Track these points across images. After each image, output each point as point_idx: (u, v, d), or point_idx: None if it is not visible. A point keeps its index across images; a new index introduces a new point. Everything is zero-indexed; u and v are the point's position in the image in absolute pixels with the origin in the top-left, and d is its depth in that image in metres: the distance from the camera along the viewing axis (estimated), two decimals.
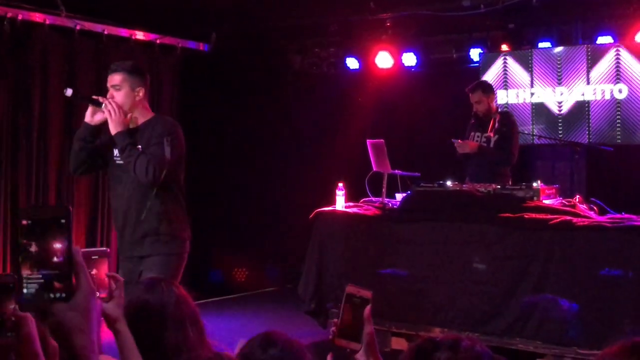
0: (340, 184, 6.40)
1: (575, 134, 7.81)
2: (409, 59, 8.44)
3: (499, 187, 5.82)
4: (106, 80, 7.45)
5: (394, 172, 6.38)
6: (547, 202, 5.66)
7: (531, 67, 8.04)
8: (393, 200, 6.33)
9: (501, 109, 7.33)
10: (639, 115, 7.58)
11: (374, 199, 6.43)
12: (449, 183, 6.01)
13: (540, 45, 8.06)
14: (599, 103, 7.75)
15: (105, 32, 7.54)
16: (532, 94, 8.06)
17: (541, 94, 8.01)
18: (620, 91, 7.65)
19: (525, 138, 7.66)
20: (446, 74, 8.34)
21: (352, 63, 8.82)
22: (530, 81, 8.05)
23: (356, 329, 2.05)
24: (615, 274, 5.03)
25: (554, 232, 5.26)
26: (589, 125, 7.76)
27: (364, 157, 6.46)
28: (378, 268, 5.99)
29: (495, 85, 7.27)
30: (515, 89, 8.14)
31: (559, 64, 7.89)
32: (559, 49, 7.94)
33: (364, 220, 6.12)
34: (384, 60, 8.47)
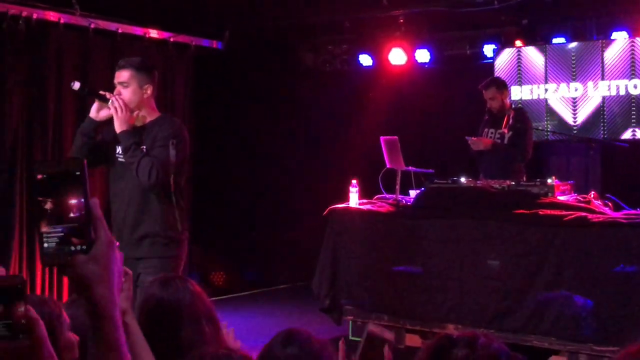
0: (354, 181, 6.40)
1: (590, 129, 7.78)
2: (423, 56, 8.43)
3: (513, 183, 5.80)
4: None
5: (408, 169, 6.37)
6: (561, 198, 5.64)
7: (545, 63, 8.01)
8: (407, 197, 6.33)
9: (515, 105, 7.31)
10: None
11: (387, 196, 6.43)
12: (463, 180, 6.00)
13: (554, 40, 8.03)
14: (614, 98, 7.71)
15: (120, 31, 7.57)
16: (546, 89, 8.03)
17: (555, 90, 7.98)
18: (635, 86, 7.61)
19: (539, 134, 7.63)
20: (460, 70, 8.32)
21: (365, 60, 8.81)
22: (544, 77, 8.03)
23: None
24: (630, 270, 5.01)
25: (569, 229, 5.24)
26: (603, 121, 7.72)
27: (378, 154, 6.46)
28: (392, 265, 5.99)
29: (509, 82, 7.25)
30: (529, 84, 8.11)
31: (573, 59, 7.86)
32: (573, 44, 7.90)
33: (378, 217, 6.12)
34: (397, 56, 8.46)
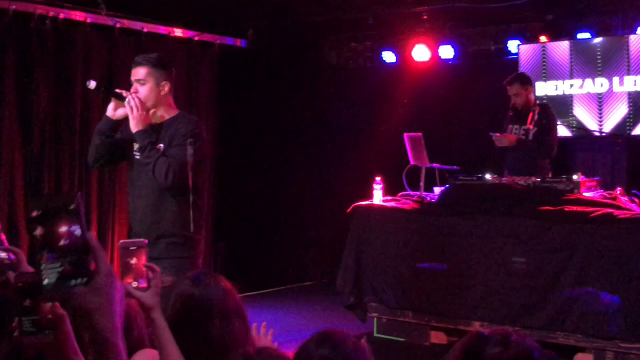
0: (378, 178, 6.40)
1: (616, 125, 7.71)
2: (446, 52, 8.40)
3: (538, 180, 5.78)
4: None
5: (432, 166, 6.37)
6: (587, 194, 5.61)
7: (570, 58, 7.95)
8: (431, 194, 6.32)
9: (540, 101, 7.27)
10: None
11: (411, 193, 6.43)
12: (488, 176, 5.98)
13: (579, 36, 7.97)
14: None
15: (145, 30, 7.64)
16: (572, 85, 7.97)
17: (580, 86, 7.92)
18: None
19: (564, 130, 7.58)
20: (484, 66, 8.29)
21: (389, 56, 8.80)
22: (569, 72, 7.97)
23: None
24: None
25: (595, 225, 5.21)
26: (629, 117, 7.65)
27: (402, 151, 6.46)
28: (416, 262, 5.99)
29: (533, 77, 7.20)
30: (554, 80, 8.06)
31: (598, 55, 7.79)
32: (599, 39, 7.83)
33: (402, 214, 6.12)
34: (420, 53, 8.44)
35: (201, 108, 8.33)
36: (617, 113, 7.73)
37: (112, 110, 4.24)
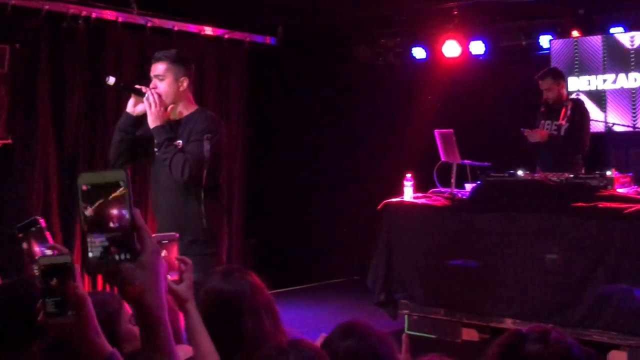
0: (408, 175, 6.39)
1: None
2: (477, 47, 8.35)
3: (571, 176, 5.73)
4: None
5: (463, 162, 6.33)
6: (621, 190, 5.56)
7: (603, 53, 7.86)
8: (462, 191, 6.29)
9: (572, 96, 7.20)
10: None
11: (442, 190, 6.40)
12: (520, 172, 5.94)
13: (612, 30, 7.87)
14: None
15: (175, 29, 7.69)
16: (605, 80, 7.88)
17: (613, 81, 7.83)
18: None
19: (597, 125, 7.50)
20: (515, 62, 8.22)
21: (419, 53, 8.76)
22: (602, 67, 7.88)
23: None
24: None
25: (629, 222, 5.16)
26: None
27: (432, 147, 6.43)
28: (448, 259, 5.97)
29: (565, 72, 7.13)
30: (587, 75, 7.97)
31: (632, 49, 7.69)
32: (632, 33, 7.73)
33: (433, 211, 6.10)
34: (451, 49, 8.39)
35: (232, 106, 8.38)
36: None
37: (132, 107, 4.24)
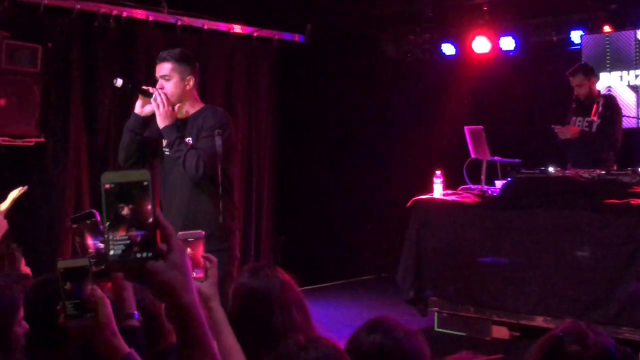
0: (438, 172, 6.37)
1: None
2: (507, 43, 8.28)
3: (603, 172, 5.68)
4: (206, 74, 7.63)
5: (494, 159, 6.31)
6: None
7: (635, 48, 7.76)
8: (492, 188, 6.26)
9: (604, 92, 7.12)
10: None
11: (472, 187, 6.38)
12: (551, 169, 5.90)
13: None
14: None
15: (205, 27, 7.73)
16: (637, 75, 7.78)
17: None
18: None
19: (629, 121, 7.41)
20: (546, 58, 8.15)
21: (448, 49, 8.72)
22: (634, 63, 7.78)
23: None
24: None
25: None
26: None
27: (462, 144, 6.41)
28: (478, 256, 5.95)
29: (597, 68, 7.06)
30: (619, 71, 7.88)
31: None
32: None
33: (463, 208, 6.08)
34: (481, 45, 8.33)
35: (261, 103, 8.40)
36: None
37: (140, 107, 4.26)
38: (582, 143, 6.41)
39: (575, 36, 8.07)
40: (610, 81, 7.90)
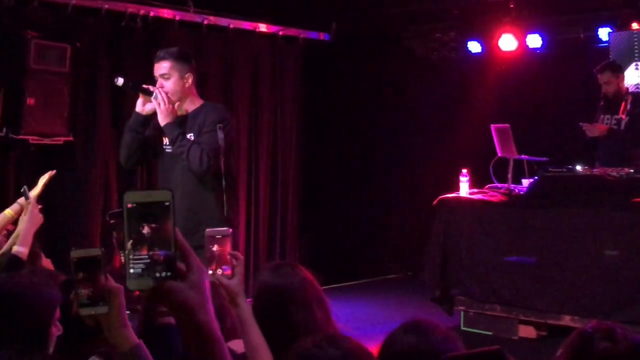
0: (464, 170, 6.35)
1: None
2: (534, 41, 8.22)
3: (631, 170, 5.62)
4: (232, 73, 7.65)
5: (520, 157, 6.27)
6: None
7: None
8: (519, 186, 6.23)
9: (632, 90, 7.05)
10: None
11: (499, 185, 6.35)
12: (578, 168, 5.86)
13: None
14: None
15: (231, 26, 7.76)
16: None
17: None
18: None
19: None
20: (573, 55, 8.08)
21: (474, 47, 8.67)
22: None
23: None
24: None
25: None
26: None
27: (489, 142, 6.38)
28: (504, 255, 5.92)
29: (625, 66, 6.99)
30: None
31: None
32: None
33: (490, 207, 6.06)
34: (507, 42, 8.28)
35: (286, 101, 8.42)
36: None
37: (141, 106, 4.33)
38: (610, 141, 6.36)
39: (603, 33, 7.99)
40: (638, 78, 7.82)
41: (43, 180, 4.21)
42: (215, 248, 2.47)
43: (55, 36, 6.37)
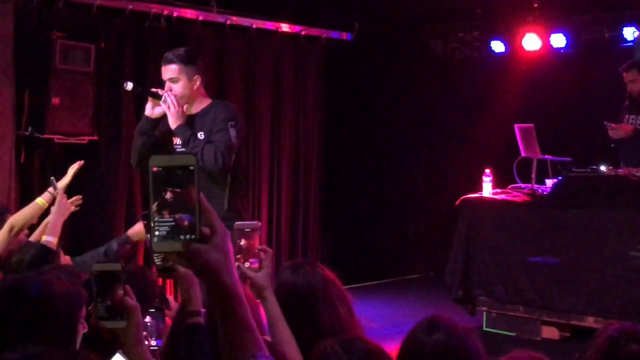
0: (487, 170, 6.33)
1: None
2: (558, 40, 8.17)
3: None
4: (255, 72, 7.66)
5: (544, 157, 6.24)
6: None
7: None
8: (543, 187, 6.20)
9: None
10: None
11: (522, 185, 6.32)
12: (602, 168, 5.82)
13: None
14: None
15: (254, 26, 7.78)
16: None
17: None
18: None
19: None
20: (598, 55, 8.01)
21: (498, 46, 8.63)
22: None
23: None
24: None
25: None
26: None
27: (511, 142, 6.35)
28: (527, 255, 5.89)
29: None
30: None
31: None
32: None
33: (513, 207, 6.03)
34: (531, 42, 8.23)
35: (308, 101, 8.43)
36: None
37: (151, 109, 4.37)
38: (635, 141, 6.30)
39: (628, 33, 7.91)
40: None
41: (72, 170, 4.29)
42: (243, 242, 2.48)
43: (80, 36, 6.42)
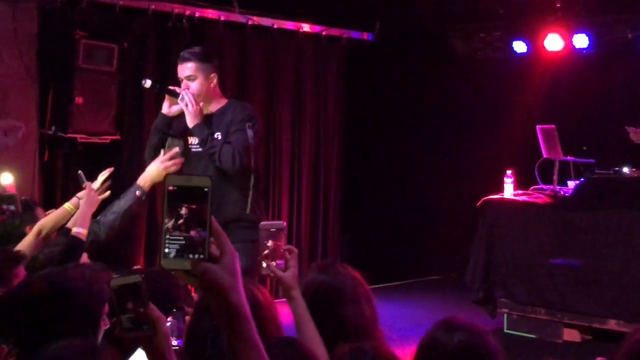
0: (509, 172, 6.30)
1: None
2: (581, 41, 8.11)
3: None
4: (275, 72, 7.67)
5: (566, 159, 6.21)
6: None
7: None
8: (565, 188, 6.17)
9: None
10: None
11: (544, 187, 6.29)
12: (625, 170, 5.78)
13: None
14: None
15: (275, 27, 7.80)
16: None
17: None
18: None
19: None
20: (621, 56, 7.94)
21: (520, 47, 8.58)
22: None
23: None
24: None
25: None
26: None
27: (533, 143, 6.33)
28: (549, 257, 5.87)
29: None
30: None
31: None
32: None
33: (535, 209, 6.01)
34: (553, 42, 8.18)
35: (329, 101, 8.44)
36: None
37: (168, 108, 4.39)
38: None
39: None
40: None
41: (103, 176, 4.31)
42: (270, 243, 2.50)
43: (103, 36, 6.47)
